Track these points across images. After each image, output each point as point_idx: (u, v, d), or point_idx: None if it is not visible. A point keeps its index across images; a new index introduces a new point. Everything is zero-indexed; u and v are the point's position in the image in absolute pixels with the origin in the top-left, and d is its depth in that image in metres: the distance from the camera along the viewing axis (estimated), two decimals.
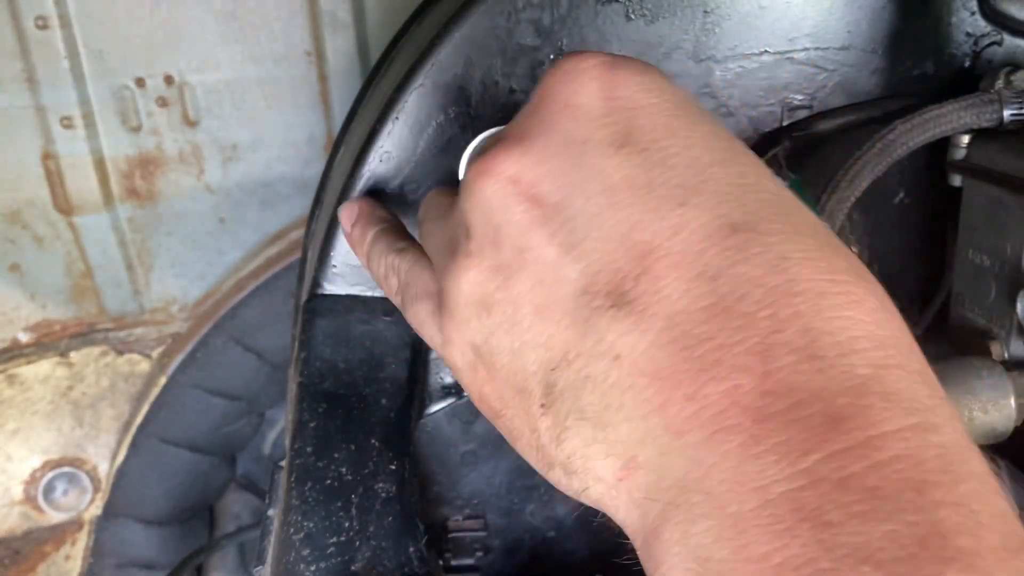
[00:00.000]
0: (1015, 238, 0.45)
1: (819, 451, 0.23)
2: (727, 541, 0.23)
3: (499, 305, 0.31)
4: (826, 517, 0.22)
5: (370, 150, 0.49)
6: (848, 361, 0.24)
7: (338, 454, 0.45)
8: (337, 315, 0.50)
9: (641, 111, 0.30)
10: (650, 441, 0.26)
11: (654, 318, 0.26)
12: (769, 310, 0.25)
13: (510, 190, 0.30)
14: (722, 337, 0.25)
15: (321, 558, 0.41)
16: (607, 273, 0.28)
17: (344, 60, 0.83)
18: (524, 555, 0.61)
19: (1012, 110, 0.46)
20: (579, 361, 0.28)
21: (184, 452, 0.93)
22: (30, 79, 0.77)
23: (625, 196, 0.28)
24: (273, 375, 0.94)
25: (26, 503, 0.93)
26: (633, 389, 0.26)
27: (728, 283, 0.26)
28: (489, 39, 0.48)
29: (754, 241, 0.26)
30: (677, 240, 0.27)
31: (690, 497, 0.25)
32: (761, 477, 0.23)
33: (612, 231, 0.28)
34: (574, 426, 0.29)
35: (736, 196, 0.28)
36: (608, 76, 0.31)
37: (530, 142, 0.31)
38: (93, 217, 0.84)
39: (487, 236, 0.31)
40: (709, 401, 0.25)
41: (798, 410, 0.24)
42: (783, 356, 0.24)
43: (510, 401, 0.32)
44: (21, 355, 0.89)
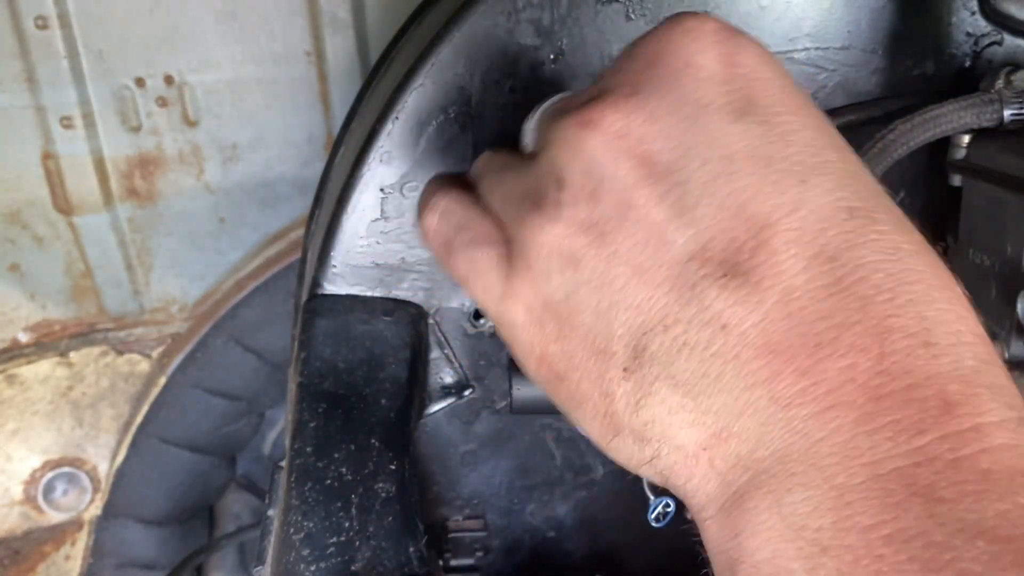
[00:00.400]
0: (1015, 238, 0.45)
1: (933, 432, 0.24)
2: (828, 511, 0.24)
3: (590, 261, 0.30)
4: (939, 494, 0.23)
5: (370, 150, 0.49)
6: (959, 352, 0.25)
7: (338, 454, 0.45)
8: (337, 315, 0.50)
9: (762, 82, 0.29)
10: (751, 412, 0.26)
11: (769, 291, 0.26)
12: (887, 295, 0.26)
13: (618, 144, 0.29)
14: (840, 317, 0.25)
15: (321, 558, 0.41)
16: (721, 241, 0.27)
17: (344, 60, 0.83)
18: (524, 555, 0.61)
19: (1012, 110, 0.46)
20: (678, 327, 0.28)
21: (184, 452, 0.93)
22: (30, 79, 0.77)
23: (745, 166, 0.28)
24: (273, 375, 0.94)
25: (26, 503, 0.93)
26: (738, 360, 0.26)
27: (846, 265, 0.26)
28: (489, 39, 0.48)
29: (870, 227, 0.27)
30: (796, 217, 0.27)
31: (789, 467, 0.25)
32: (873, 453, 0.24)
33: (729, 199, 0.27)
34: (660, 392, 0.28)
35: (850, 181, 0.28)
36: (732, 41, 0.30)
37: (643, 97, 0.29)
38: (93, 217, 0.84)
39: (585, 188, 0.30)
40: (824, 377, 0.25)
41: (913, 392, 0.24)
42: (900, 340, 0.25)
43: (581, 363, 0.31)
44: (21, 355, 0.89)
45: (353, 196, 0.50)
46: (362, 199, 0.50)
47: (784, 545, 0.25)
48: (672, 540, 0.62)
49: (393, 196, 0.50)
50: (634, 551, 0.62)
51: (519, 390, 0.45)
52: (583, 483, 0.60)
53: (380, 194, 0.50)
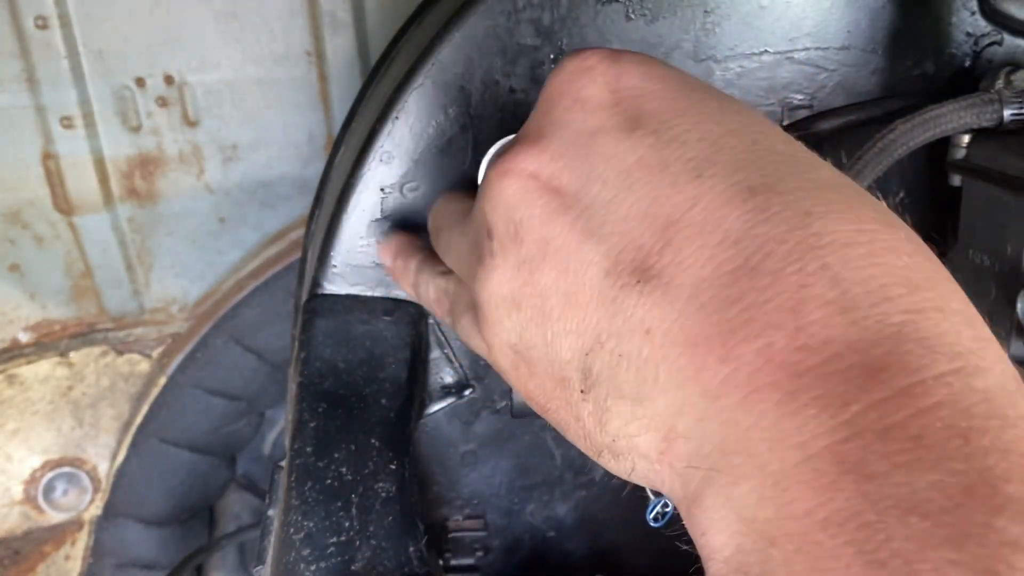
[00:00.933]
0: (1015, 238, 0.45)
1: (858, 402, 0.22)
2: (770, 500, 0.23)
3: (527, 299, 0.31)
4: (869, 469, 0.22)
5: (370, 150, 0.49)
6: (881, 310, 0.24)
7: (338, 454, 0.45)
8: (337, 315, 0.50)
9: (648, 97, 0.31)
10: (688, 409, 0.26)
11: (681, 288, 0.27)
12: (796, 265, 0.25)
13: (530, 185, 0.31)
14: (751, 297, 0.25)
15: (321, 558, 0.41)
16: (630, 251, 0.28)
17: (344, 60, 0.83)
18: (524, 555, 0.61)
19: (1012, 110, 0.46)
20: (611, 341, 0.28)
21: (184, 452, 0.93)
22: (30, 79, 0.77)
23: (641, 176, 0.29)
24: (273, 375, 0.94)
25: (26, 503, 0.93)
26: (667, 360, 0.27)
27: (751, 244, 0.26)
28: (489, 39, 0.48)
29: (773, 201, 0.26)
30: (696, 210, 0.27)
31: (731, 460, 0.25)
32: (800, 433, 0.23)
33: (631, 210, 0.28)
34: (614, 407, 0.29)
35: (751, 161, 0.28)
36: (612, 69, 0.32)
37: (546, 139, 0.32)
38: (93, 217, 0.84)
39: (508, 233, 0.32)
40: (743, 361, 0.25)
41: (834, 363, 0.23)
42: (814, 310, 0.24)
43: (552, 393, 0.32)
44: (21, 355, 0.89)
45: (353, 196, 0.50)
46: (362, 199, 0.50)
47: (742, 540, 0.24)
48: (672, 540, 0.62)
49: (393, 196, 0.50)
50: (634, 551, 0.62)
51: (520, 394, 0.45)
52: (583, 483, 0.60)
53: (380, 194, 0.50)
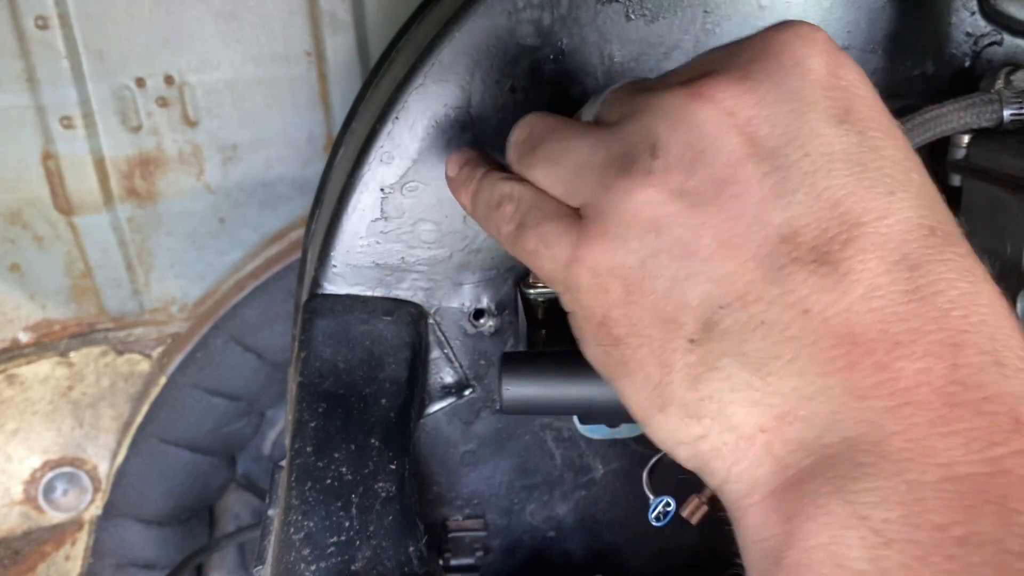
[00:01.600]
0: (1015, 238, 0.45)
1: (1007, 445, 0.24)
2: (897, 504, 0.24)
3: (674, 229, 0.30)
4: (1013, 505, 0.23)
5: (370, 150, 0.49)
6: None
7: (338, 454, 0.45)
8: (337, 315, 0.50)
9: (860, 98, 0.30)
10: (823, 399, 0.27)
11: (856, 284, 0.27)
12: (961, 311, 0.27)
13: (726, 120, 0.30)
14: (918, 322, 0.26)
15: (321, 558, 0.41)
16: (814, 229, 0.28)
17: (344, 60, 0.83)
18: (524, 555, 0.61)
19: (1012, 110, 0.46)
20: (758, 305, 0.28)
21: (184, 452, 0.93)
22: (30, 79, 0.77)
23: (842, 166, 0.29)
24: (273, 375, 0.94)
25: (26, 503, 0.93)
26: (816, 346, 0.27)
27: (926, 276, 0.27)
28: (489, 39, 0.48)
29: (947, 247, 0.28)
30: (884, 223, 0.28)
31: (857, 456, 0.25)
32: (948, 455, 0.25)
33: (826, 193, 0.28)
34: (727, 368, 0.28)
35: (929, 203, 0.29)
36: (837, 54, 0.31)
37: (754, 82, 0.30)
38: (93, 217, 0.84)
39: (683, 157, 0.30)
40: (901, 375, 0.26)
41: (986, 405, 0.25)
42: (973, 355, 0.26)
43: (643, 329, 0.30)
44: (21, 355, 0.89)
45: (353, 196, 0.50)
46: (362, 199, 0.50)
47: (844, 532, 0.25)
48: (671, 540, 0.62)
49: (393, 196, 0.50)
50: (634, 551, 0.62)
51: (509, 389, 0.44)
52: (583, 483, 0.60)
53: (380, 194, 0.50)
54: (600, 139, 0.33)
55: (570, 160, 0.34)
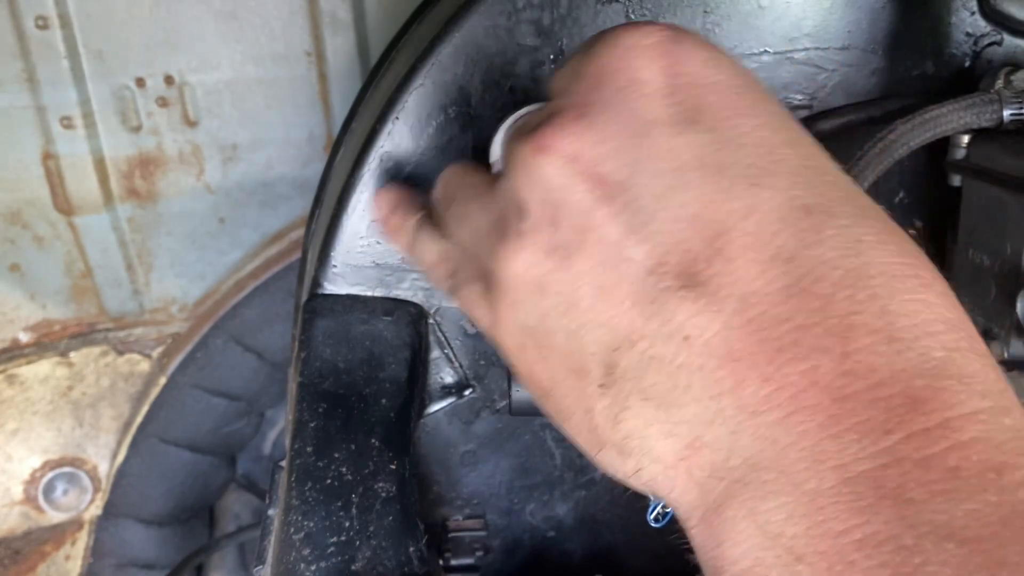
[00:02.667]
0: (1015, 238, 0.45)
1: (900, 431, 0.23)
2: (802, 517, 0.24)
3: (555, 286, 0.30)
4: (908, 495, 0.23)
5: (370, 150, 0.49)
6: (924, 344, 0.25)
7: (338, 454, 0.45)
8: (337, 315, 0.50)
9: (708, 88, 0.29)
10: (720, 421, 0.26)
11: (727, 299, 0.26)
12: (846, 292, 0.25)
13: (571, 168, 0.29)
14: (800, 318, 0.25)
15: (321, 558, 0.41)
16: (677, 254, 0.27)
17: (344, 60, 0.83)
18: (524, 555, 0.61)
19: (1012, 110, 0.46)
20: (644, 342, 0.28)
21: (184, 452, 0.93)
22: (30, 79, 0.77)
23: (695, 176, 0.28)
24: (273, 375, 0.94)
25: (26, 503, 0.93)
26: (703, 370, 0.26)
27: (804, 265, 0.26)
28: (489, 39, 0.48)
29: (827, 223, 0.26)
30: (751, 221, 0.27)
31: (760, 475, 0.25)
32: (841, 456, 0.24)
33: (681, 211, 0.27)
34: (635, 406, 0.28)
35: (807, 178, 0.28)
36: (673, 51, 0.30)
37: (591, 118, 0.29)
38: (93, 217, 0.84)
39: (544, 216, 0.30)
40: (787, 382, 0.25)
41: (878, 391, 0.24)
42: (862, 337, 0.25)
43: (562, 381, 0.31)
44: (21, 355, 0.89)
45: (353, 196, 0.50)
46: (362, 199, 0.50)
47: (763, 554, 0.24)
48: (671, 540, 0.62)
49: None
50: (634, 551, 0.62)
51: (519, 391, 0.45)
52: (583, 483, 0.60)
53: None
54: (486, 201, 0.34)
55: (468, 225, 0.36)
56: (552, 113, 0.30)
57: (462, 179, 0.39)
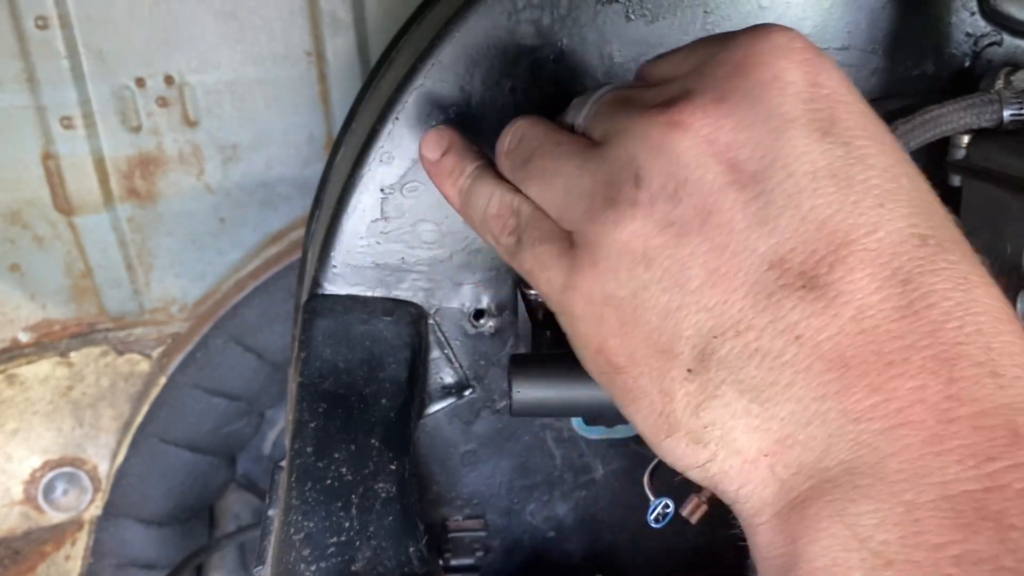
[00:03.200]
0: (1015, 238, 0.45)
1: (1003, 460, 0.24)
2: (895, 526, 0.24)
3: (663, 261, 0.30)
4: (1010, 520, 0.23)
5: (370, 150, 0.49)
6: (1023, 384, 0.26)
7: (338, 454, 0.45)
8: (337, 315, 0.50)
9: (844, 105, 0.30)
10: (819, 422, 0.27)
11: (845, 306, 0.27)
12: (956, 323, 0.26)
13: (705, 148, 0.29)
14: (911, 338, 0.26)
15: (321, 558, 0.41)
16: (802, 253, 0.28)
17: (344, 60, 0.83)
18: (524, 555, 0.61)
19: (1012, 110, 0.46)
20: (751, 333, 0.28)
21: (184, 452, 0.93)
22: (30, 79, 0.77)
23: (827, 183, 0.28)
24: (273, 375, 0.94)
25: (26, 503, 0.93)
26: (810, 371, 0.27)
27: (919, 289, 0.27)
28: (489, 39, 0.48)
29: (940, 256, 0.27)
30: (874, 238, 0.28)
31: (855, 479, 0.26)
32: (943, 474, 0.24)
33: (811, 214, 0.28)
34: (726, 396, 0.29)
35: (923, 209, 0.29)
36: (817, 61, 0.30)
37: (732, 105, 0.30)
38: (93, 217, 0.84)
39: (666, 188, 0.30)
40: (895, 395, 0.26)
41: (981, 419, 0.25)
42: (968, 367, 0.26)
43: (642, 359, 0.31)
44: (21, 355, 0.89)
45: (353, 196, 0.50)
46: (362, 199, 0.50)
47: (845, 554, 0.25)
48: (671, 540, 0.62)
49: (393, 196, 0.50)
50: (634, 551, 0.62)
51: (519, 392, 0.44)
52: (583, 483, 0.60)
53: (380, 194, 0.50)
54: (586, 162, 0.33)
55: (559, 183, 0.34)
56: (687, 91, 0.30)
57: (545, 134, 0.37)
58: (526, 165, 0.36)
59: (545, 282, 0.34)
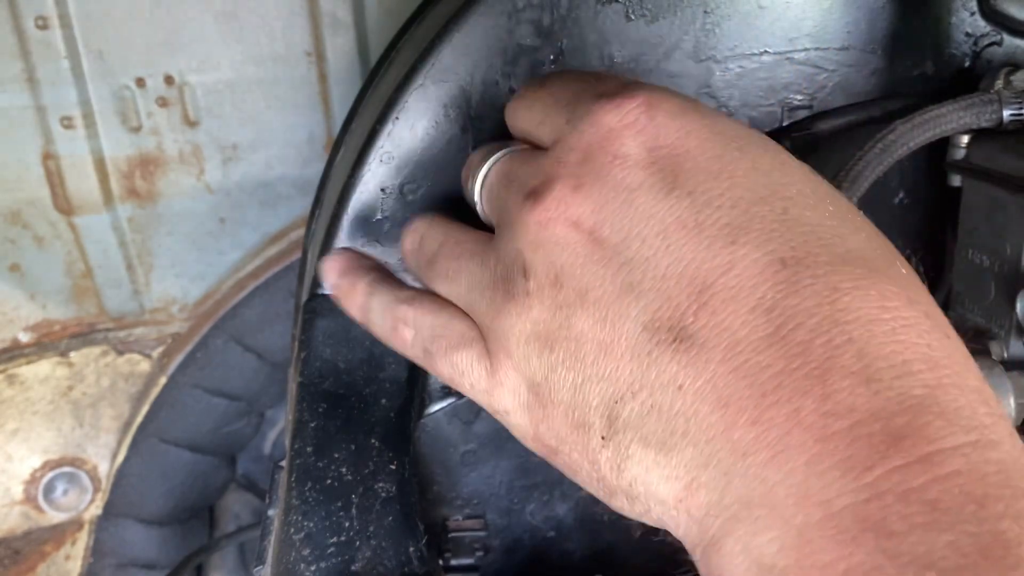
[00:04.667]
0: (1015, 238, 0.45)
1: (881, 466, 0.25)
2: (791, 550, 0.25)
3: (562, 342, 0.32)
4: (889, 528, 0.24)
5: (370, 150, 0.49)
6: (903, 383, 0.26)
7: (338, 454, 0.45)
8: (337, 315, 0.50)
9: (684, 156, 0.32)
10: (714, 463, 0.28)
11: (714, 350, 0.28)
12: (824, 338, 0.27)
13: (572, 234, 0.32)
14: (780, 364, 0.27)
15: (321, 558, 0.41)
16: (667, 309, 0.29)
17: (344, 60, 0.83)
18: (524, 555, 0.61)
19: (1012, 110, 0.46)
20: (643, 392, 0.30)
21: (184, 452, 0.93)
22: (30, 79, 0.78)
23: (678, 237, 0.30)
24: (273, 375, 0.94)
25: (26, 503, 0.93)
26: (697, 416, 0.28)
27: (783, 314, 0.28)
28: (489, 39, 0.48)
29: (803, 274, 0.28)
30: (731, 276, 0.29)
31: (753, 512, 0.26)
32: (825, 492, 0.25)
33: (669, 270, 0.30)
34: (636, 454, 0.30)
35: (781, 232, 0.29)
36: (650, 128, 0.32)
37: (587, 189, 0.32)
38: (93, 217, 0.84)
39: (548, 276, 0.32)
40: (772, 424, 0.26)
41: (858, 429, 0.25)
42: (840, 380, 0.26)
43: (567, 437, 0.33)
44: (21, 355, 0.89)
45: (353, 196, 0.50)
46: (362, 199, 0.50)
47: None
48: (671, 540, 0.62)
49: (393, 196, 0.50)
50: (634, 551, 0.62)
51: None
52: None
53: (380, 194, 0.50)
54: (485, 259, 0.36)
55: (463, 280, 0.37)
56: (550, 181, 0.33)
57: (446, 233, 0.40)
58: (432, 266, 0.40)
59: (469, 387, 0.37)
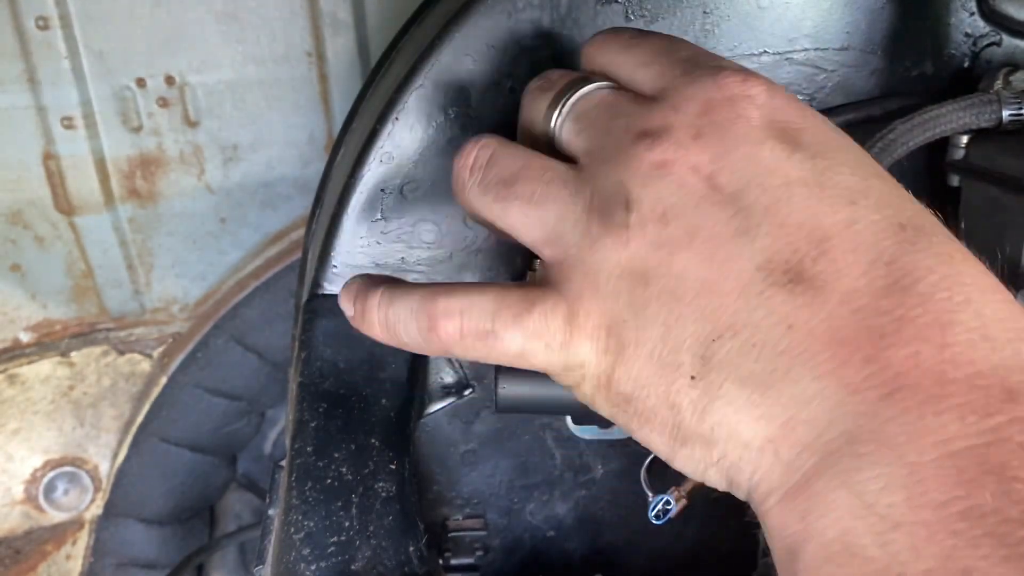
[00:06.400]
0: (1014, 238, 0.45)
1: (1001, 415, 0.25)
2: (900, 488, 0.25)
3: (660, 279, 0.31)
4: (1012, 472, 0.24)
5: (370, 150, 0.49)
6: (1017, 347, 0.27)
7: (338, 454, 0.45)
8: (337, 315, 0.50)
9: (804, 130, 0.32)
10: (819, 400, 0.28)
11: (833, 293, 0.28)
12: (945, 293, 0.28)
13: (691, 178, 0.32)
14: (901, 311, 0.27)
15: (321, 557, 0.41)
16: (785, 252, 0.30)
17: (344, 60, 0.83)
18: (524, 555, 0.61)
19: (1011, 110, 0.46)
20: (747, 331, 0.29)
21: (185, 452, 0.93)
22: (31, 79, 0.78)
23: (800, 191, 0.30)
24: (274, 375, 0.94)
25: (27, 503, 0.93)
26: (806, 354, 0.28)
27: (904, 267, 0.28)
28: (489, 39, 0.48)
29: (922, 238, 0.29)
30: (852, 230, 0.29)
31: (857, 448, 0.26)
32: (943, 432, 0.25)
33: (789, 219, 0.30)
34: (728, 393, 0.30)
35: (897, 203, 0.31)
36: (770, 104, 0.33)
37: (707, 139, 0.32)
38: (94, 217, 0.85)
39: (655, 211, 0.32)
40: (890, 363, 0.27)
41: (977, 379, 0.26)
42: (960, 333, 0.27)
43: (648, 380, 0.32)
44: (22, 355, 0.89)
45: (353, 196, 0.50)
46: (362, 199, 0.50)
47: (855, 523, 0.25)
48: (671, 538, 0.62)
49: (393, 196, 0.50)
50: (634, 550, 0.62)
51: (504, 388, 0.45)
52: (583, 483, 0.60)
53: (380, 194, 0.50)
54: (579, 187, 0.34)
55: (552, 207, 0.35)
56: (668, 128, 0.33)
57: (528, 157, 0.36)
58: (511, 186, 0.36)
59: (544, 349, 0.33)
